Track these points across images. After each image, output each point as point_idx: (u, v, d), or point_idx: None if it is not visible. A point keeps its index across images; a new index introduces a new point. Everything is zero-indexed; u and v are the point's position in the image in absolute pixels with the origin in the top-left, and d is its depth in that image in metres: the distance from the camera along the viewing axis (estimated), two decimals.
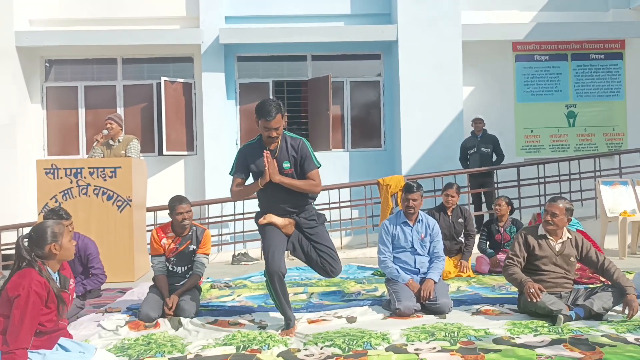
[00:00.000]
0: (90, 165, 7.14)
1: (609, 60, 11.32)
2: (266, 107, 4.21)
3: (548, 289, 4.56)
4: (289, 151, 4.36)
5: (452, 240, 6.72)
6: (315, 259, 4.38)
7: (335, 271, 4.39)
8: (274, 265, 4.21)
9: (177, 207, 5.01)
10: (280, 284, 4.23)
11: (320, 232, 4.48)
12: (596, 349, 3.64)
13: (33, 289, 3.04)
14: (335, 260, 4.41)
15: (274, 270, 4.20)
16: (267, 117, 4.18)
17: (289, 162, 4.35)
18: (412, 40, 10.48)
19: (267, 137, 4.28)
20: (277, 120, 4.21)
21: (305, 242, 4.41)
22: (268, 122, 4.19)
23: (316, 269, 4.45)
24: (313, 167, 4.35)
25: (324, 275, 4.42)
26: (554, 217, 4.63)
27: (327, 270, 4.38)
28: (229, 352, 3.82)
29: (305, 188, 4.36)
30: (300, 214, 4.46)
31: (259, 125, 4.26)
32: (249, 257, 8.79)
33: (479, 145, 9.66)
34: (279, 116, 4.22)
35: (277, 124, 4.22)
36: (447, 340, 3.94)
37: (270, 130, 4.22)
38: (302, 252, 4.43)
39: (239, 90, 11.12)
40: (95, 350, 3.38)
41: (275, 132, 4.24)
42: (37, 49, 10.85)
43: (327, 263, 4.37)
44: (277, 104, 4.26)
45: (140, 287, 6.27)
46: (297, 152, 4.35)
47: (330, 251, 4.43)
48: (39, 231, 3.24)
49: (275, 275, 4.20)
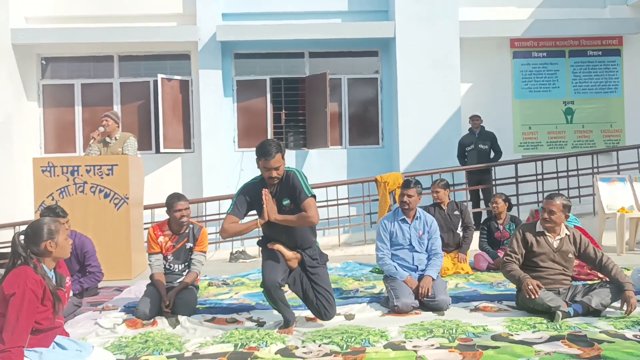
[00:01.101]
0: (87, 163, 7.11)
1: (606, 57, 11.32)
2: (266, 147, 4.13)
3: (546, 286, 4.55)
4: (286, 186, 4.29)
5: (449, 232, 6.72)
6: (312, 299, 4.35)
7: (329, 315, 4.35)
8: (271, 278, 4.16)
9: (175, 204, 4.98)
10: (277, 294, 4.19)
11: (321, 273, 4.46)
12: (594, 345, 3.63)
13: (29, 287, 3.02)
14: (331, 305, 4.39)
15: (270, 282, 4.15)
16: (267, 157, 4.10)
17: (288, 198, 4.29)
18: (409, 37, 10.47)
19: (267, 177, 4.20)
20: (277, 159, 4.13)
21: (305, 281, 4.39)
22: (267, 162, 4.12)
23: (310, 308, 4.41)
24: (304, 197, 4.20)
25: (316, 316, 4.38)
26: (552, 214, 4.62)
27: (321, 313, 4.35)
28: (226, 350, 3.80)
29: (300, 222, 4.25)
30: (305, 250, 4.44)
31: (259, 165, 4.20)
32: (247, 254, 8.78)
33: (476, 142, 9.65)
34: (278, 155, 4.14)
35: (277, 164, 4.14)
36: (445, 337, 3.93)
37: (270, 170, 4.14)
38: (300, 289, 4.40)
39: (236, 87, 11.10)
40: (92, 349, 3.35)
41: (276, 172, 4.17)
42: (33, 47, 10.81)
43: (322, 306, 4.34)
44: (277, 143, 4.19)
45: (138, 285, 6.24)
46: (291, 184, 4.27)
47: (328, 295, 4.40)
48: (35, 228, 3.22)
49: (271, 288, 4.15)
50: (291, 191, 4.26)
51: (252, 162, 11.04)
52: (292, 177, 4.27)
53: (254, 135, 11.12)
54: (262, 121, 11.14)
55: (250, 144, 11.09)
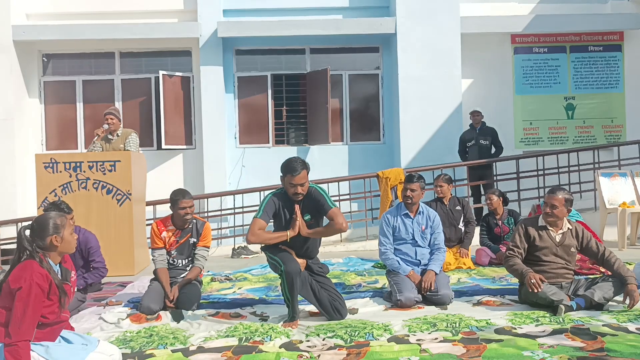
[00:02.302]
0: (90, 159, 7.13)
1: (607, 52, 11.31)
2: (291, 164, 4.28)
3: (549, 280, 4.57)
4: (308, 202, 4.42)
5: (451, 227, 6.74)
6: (327, 298, 4.41)
7: (344, 313, 4.41)
8: (293, 265, 4.26)
9: (180, 201, 4.99)
10: (297, 282, 4.26)
11: (326, 278, 4.60)
12: (597, 338, 3.65)
13: (35, 281, 3.03)
14: (343, 304, 4.45)
15: (293, 269, 4.24)
16: (293, 173, 4.24)
17: (309, 214, 4.43)
18: (410, 33, 10.46)
19: (292, 193, 4.32)
20: (302, 175, 4.26)
21: (315, 284, 4.47)
22: (293, 178, 4.25)
23: (324, 309, 4.42)
24: (328, 208, 4.35)
25: (330, 316, 4.39)
26: (554, 208, 4.63)
27: (338, 309, 4.38)
28: (231, 344, 3.82)
29: (332, 232, 4.44)
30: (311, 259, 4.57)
31: (285, 182, 4.33)
32: (249, 250, 8.78)
33: (477, 137, 9.66)
34: (304, 172, 4.28)
35: (303, 180, 4.27)
36: (448, 331, 3.95)
37: (295, 186, 4.27)
38: (311, 291, 4.45)
39: (237, 83, 11.10)
40: (98, 342, 3.37)
41: (301, 188, 4.29)
42: (34, 43, 10.81)
43: (338, 304, 4.41)
44: (302, 161, 4.34)
45: (141, 281, 6.27)
46: (313, 200, 4.40)
47: (340, 296, 4.51)
48: (41, 222, 3.24)
49: (294, 275, 4.23)
50: (313, 207, 4.39)
51: (253, 158, 11.14)
52: (314, 193, 4.40)
53: (255, 131, 11.14)
54: (263, 117, 11.15)
55: (251, 140, 11.11)
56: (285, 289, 4.32)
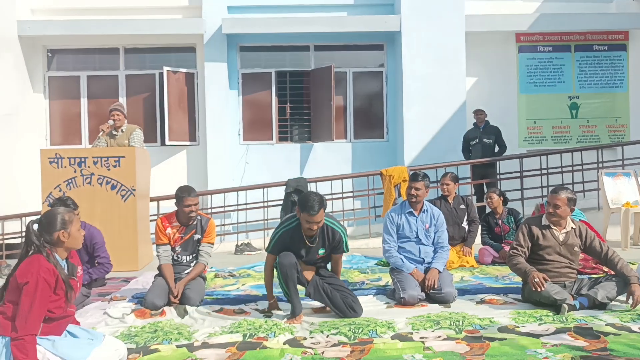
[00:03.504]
0: (94, 155, 7.15)
1: (612, 52, 11.30)
2: (309, 202, 4.27)
3: (552, 279, 4.58)
4: (327, 239, 4.51)
5: (454, 226, 6.75)
6: (340, 298, 4.44)
7: (359, 310, 4.42)
8: (288, 258, 4.35)
9: (185, 199, 5.00)
10: (292, 274, 4.33)
11: (336, 279, 4.65)
12: (601, 338, 3.66)
13: (42, 276, 3.05)
14: (358, 303, 4.47)
15: (287, 261, 4.33)
16: (311, 212, 4.25)
17: (324, 249, 4.54)
18: (415, 30, 10.46)
19: (307, 229, 4.36)
20: (320, 215, 4.29)
21: (327, 287, 4.51)
22: (311, 217, 4.27)
23: (339, 309, 4.44)
24: (341, 252, 4.61)
25: (344, 315, 4.40)
26: (557, 208, 4.63)
27: (352, 307, 4.40)
28: (235, 340, 3.84)
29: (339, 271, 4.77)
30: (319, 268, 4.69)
31: (301, 217, 4.35)
32: (252, 247, 8.81)
33: (481, 136, 9.66)
34: (322, 211, 4.30)
35: (319, 219, 4.31)
36: (452, 329, 3.96)
37: (311, 223, 4.31)
38: (324, 294, 4.49)
39: (241, 80, 11.11)
40: (103, 337, 3.39)
41: (316, 226, 4.34)
42: (39, 38, 10.83)
43: (351, 302, 4.43)
44: (320, 198, 4.34)
45: (144, 276, 6.30)
46: (333, 242, 4.53)
47: (351, 293, 4.54)
48: (50, 217, 3.26)
49: (288, 267, 4.32)
50: (329, 243, 4.52)
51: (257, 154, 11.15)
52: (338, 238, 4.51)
53: (259, 128, 11.15)
54: (267, 114, 11.16)
55: (255, 137, 11.12)
56: (281, 282, 4.40)
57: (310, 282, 4.55)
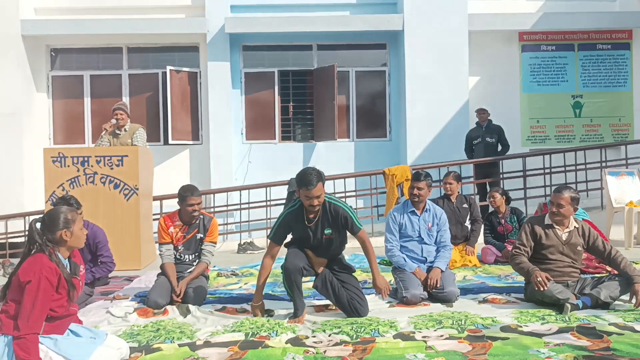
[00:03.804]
0: (97, 154, 7.15)
1: (615, 51, 11.27)
2: (306, 177, 4.22)
3: (555, 278, 4.57)
4: (330, 217, 4.40)
5: (457, 225, 6.74)
6: (345, 297, 4.40)
7: (362, 312, 4.37)
8: (294, 261, 4.32)
9: (188, 198, 5.00)
10: (296, 277, 4.30)
11: (349, 275, 4.57)
12: (604, 337, 3.65)
13: (44, 275, 3.06)
14: (364, 302, 4.42)
15: (292, 265, 4.30)
16: (308, 186, 4.19)
17: (330, 228, 4.41)
18: (418, 29, 10.46)
19: (308, 205, 4.29)
20: (318, 188, 4.22)
21: (335, 282, 4.46)
22: (309, 191, 4.20)
23: (342, 307, 4.44)
24: (357, 229, 4.41)
25: (347, 314, 4.39)
26: (560, 207, 4.62)
27: (356, 309, 4.36)
28: (237, 339, 3.84)
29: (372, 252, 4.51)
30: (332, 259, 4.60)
31: (300, 194, 4.29)
32: (255, 246, 8.81)
33: (483, 135, 9.64)
34: (319, 185, 4.23)
35: (318, 192, 4.23)
36: (454, 328, 3.96)
37: (311, 199, 4.23)
38: (331, 290, 4.45)
39: (244, 79, 11.12)
40: (105, 336, 3.40)
41: (317, 201, 4.25)
42: (42, 38, 10.85)
43: (356, 303, 4.38)
44: (318, 172, 4.28)
45: (147, 275, 6.30)
46: (339, 220, 4.39)
47: (360, 293, 4.45)
48: (52, 216, 3.26)
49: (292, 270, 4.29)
50: (337, 223, 4.39)
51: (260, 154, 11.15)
52: (342, 213, 4.38)
53: (262, 127, 11.16)
54: (269, 113, 11.16)
55: (257, 136, 11.13)
56: (285, 285, 4.39)
57: (319, 275, 4.50)
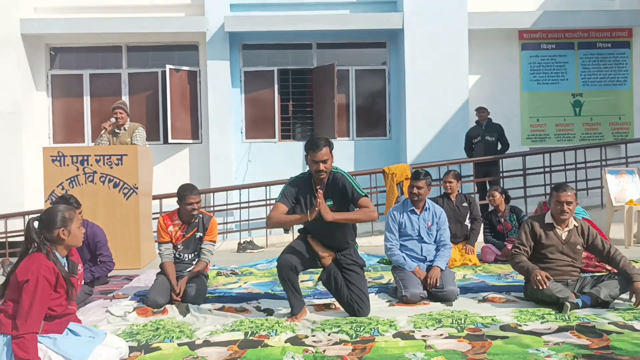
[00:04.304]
0: (97, 153, 7.15)
1: (615, 49, 11.26)
2: (314, 140, 4.22)
3: (555, 277, 4.56)
4: (333, 188, 4.33)
5: (457, 223, 6.73)
6: (346, 296, 4.35)
7: (362, 312, 4.32)
8: (287, 257, 4.26)
9: (187, 197, 4.99)
10: (287, 274, 4.24)
11: (357, 273, 4.45)
12: (603, 336, 3.64)
13: (42, 274, 3.05)
14: (364, 304, 4.35)
15: (284, 261, 4.24)
16: (315, 149, 4.16)
17: (331, 199, 4.30)
18: (418, 28, 10.44)
19: (315, 171, 4.23)
20: (325, 152, 4.18)
21: (340, 279, 4.40)
22: (315, 154, 4.17)
23: (343, 305, 4.42)
24: (359, 196, 4.25)
25: (350, 314, 4.35)
26: (569, 205, 4.60)
27: (354, 309, 4.32)
28: (237, 338, 3.84)
29: (362, 217, 4.28)
30: (342, 251, 4.48)
31: (308, 160, 4.26)
32: (255, 245, 8.81)
33: (483, 134, 9.63)
34: (326, 149, 4.19)
35: (325, 157, 4.19)
36: (454, 327, 3.95)
37: (318, 163, 4.18)
38: (334, 286, 4.42)
39: (243, 78, 11.11)
40: (105, 335, 3.40)
41: (324, 165, 4.20)
42: (42, 37, 10.84)
43: (355, 304, 4.32)
44: (326, 139, 4.27)
45: (147, 274, 6.30)
46: (338, 187, 4.29)
47: (362, 294, 4.37)
48: (50, 215, 3.26)
49: (283, 266, 4.23)
50: (338, 193, 4.30)
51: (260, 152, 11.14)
52: (341, 179, 4.30)
53: (262, 126, 11.15)
54: (269, 112, 11.15)
55: (257, 135, 11.12)
56: (280, 281, 4.34)
57: (325, 269, 4.45)
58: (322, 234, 4.39)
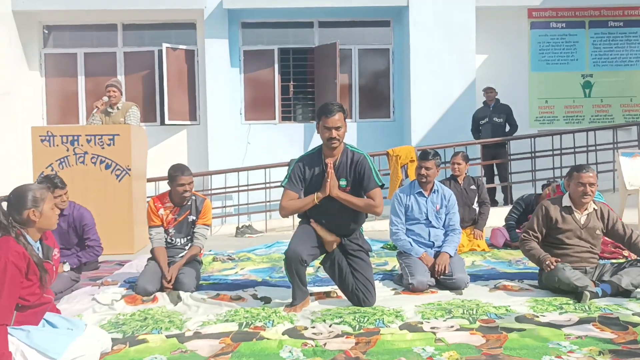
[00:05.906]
0: (88, 133, 6.85)
1: (628, 28, 10.86)
2: (328, 106, 3.94)
3: (572, 264, 4.27)
4: (349, 167, 4.02)
5: (464, 207, 6.42)
6: (350, 285, 4.04)
7: (367, 302, 4.01)
8: (296, 250, 3.91)
9: (178, 177, 4.69)
10: (297, 268, 3.91)
11: (362, 260, 4.13)
12: (629, 329, 3.35)
13: (10, 260, 2.74)
14: (370, 293, 4.04)
15: (293, 254, 3.90)
16: (327, 115, 3.89)
17: (346, 180, 4.02)
18: (423, 6, 10.08)
19: (327, 138, 3.94)
20: (338, 118, 3.91)
21: (345, 266, 4.09)
22: (327, 119, 3.90)
23: (346, 294, 4.11)
24: (374, 185, 3.99)
25: (354, 303, 4.05)
26: (592, 187, 4.30)
27: (359, 299, 4.02)
28: (230, 329, 3.54)
29: (363, 207, 4.02)
30: (347, 236, 4.16)
31: (319, 127, 3.97)
32: (253, 229, 8.53)
33: (491, 115, 9.33)
34: (340, 114, 3.91)
35: (338, 123, 3.91)
36: (465, 318, 3.66)
37: (330, 129, 3.90)
38: (336, 273, 4.11)
39: (243, 57, 10.76)
40: (85, 327, 3.11)
41: (336, 132, 3.91)
42: (34, 14, 10.47)
43: (361, 293, 4.01)
44: (340, 105, 3.99)
45: (139, 260, 6.00)
46: (356, 168, 4.01)
47: (368, 283, 4.06)
48: (19, 195, 2.96)
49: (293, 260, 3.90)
50: (355, 175, 4.01)
51: (259, 134, 10.80)
52: (361, 161, 4.02)
53: (261, 107, 10.82)
54: (269, 93, 10.81)
55: (257, 117, 10.80)
56: (286, 271, 4.02)
57: (329, 254, 4.14)
58: (332, 214, 4.05)
